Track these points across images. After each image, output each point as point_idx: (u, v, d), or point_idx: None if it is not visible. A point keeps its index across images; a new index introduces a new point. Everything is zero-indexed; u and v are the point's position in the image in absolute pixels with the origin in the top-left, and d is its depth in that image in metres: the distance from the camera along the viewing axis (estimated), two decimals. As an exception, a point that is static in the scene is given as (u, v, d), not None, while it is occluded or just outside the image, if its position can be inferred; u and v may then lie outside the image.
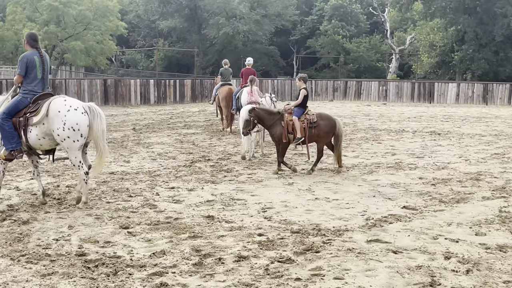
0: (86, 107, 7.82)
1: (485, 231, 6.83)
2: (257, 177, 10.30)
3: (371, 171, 10.97)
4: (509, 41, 40.43)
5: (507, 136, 17.40)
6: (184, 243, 6.27)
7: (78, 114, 7.68)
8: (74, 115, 7.65)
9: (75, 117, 7.65)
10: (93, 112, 7.83)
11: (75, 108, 7.70)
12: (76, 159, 7.85)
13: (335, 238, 6.48)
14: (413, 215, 7.58)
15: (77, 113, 7.67)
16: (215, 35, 48.24)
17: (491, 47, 40.47)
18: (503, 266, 5.56)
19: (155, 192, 8.96)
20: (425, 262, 5.65)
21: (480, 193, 9.05)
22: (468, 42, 40.87)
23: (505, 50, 40.57)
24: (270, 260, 5.68)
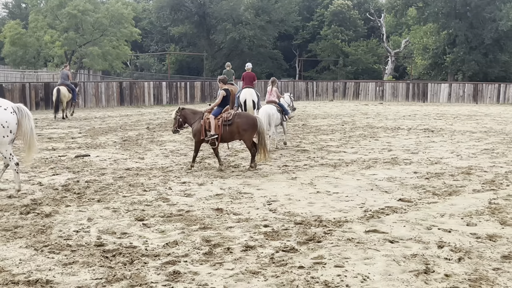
0: (15, 107, 8.24)
1: (475, 221, 6.81)
2: (262, 172, 10.30)
3: (369, 166, 10.95)
4: (498, 44, 40.22)
5: (496, 132, 17.32)
6: (195, 234, 6.28)
7: (7, 113, 8.08)
8: (4, 114, 8.04)
9: (5, 116, 8.04)
10: (21, 112, 8.28)
11: (4, 108, 8.10)
12: (6, 152, 8.19)
13: (336, 228, 6.47)
14: (408, 207, 7.56)
15: (7, 112, 8.08)
16: (222, 40, 48.20)
17: (481, 49, 40.26)
18: (493, 254, 5.54)
19: (168, 187, 8.97)
20: (420, 251, 5.64)
21: (471, 186, 9.02)
22: (459, 45, 40.67)
23: (494, 52, 40.36)
24: (275, 249, 5.69)
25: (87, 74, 44.16)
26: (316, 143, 14.69)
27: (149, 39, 55.25)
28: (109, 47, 39.79)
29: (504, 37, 39.63)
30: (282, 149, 13.49)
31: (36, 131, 17.16)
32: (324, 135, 16.49)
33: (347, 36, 50.79)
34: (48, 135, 16.41)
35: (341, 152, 12.90)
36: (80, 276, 5.00)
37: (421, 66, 44.33)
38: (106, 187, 8.91)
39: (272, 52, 51.73)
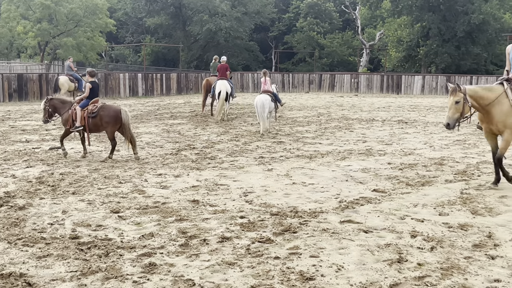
0: None
1: (447, 211, 6.91)
2: (238, 164, 10.30)
3: (344, 157, 11.03)
4: (470, 37, 40.72)
5: (468, 124, 17.55)
6: (171, 225, 6.26)
7: None
8: None
9: None
10: None
11: None
12: None
13: (311, 219, 6.51)
14: (382, 198, 7.64)
15: None
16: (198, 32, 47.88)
17: (453, 42, 40.73)
18: (464, 243, 5.64)
19: (143, 179, 8.92)
20: (393, 240, 5.70)
21: (443, 176, 9.15)
22: (432, 37, 41.08)
23: (466, 45, 40.87)
24: (251, 240, 5.70)
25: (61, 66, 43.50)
26: (292, 134, 14.73)
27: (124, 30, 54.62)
28: (84, 38, 39.27)
29: (476, 30, 40.14)
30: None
31: (10, 123, 16.88)
32: (300, 127, 16.55)
33: (322, 28, 50.91)
34: (21, 127, 16.15)
35: (316, 144, 12.96)
36: (54, 269, 4.95)
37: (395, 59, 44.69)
38: (81, 179, 8.82)
39: (248, 44, 51.61)
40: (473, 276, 4.77)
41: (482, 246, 5.54)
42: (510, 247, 5.51)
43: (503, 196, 7.71)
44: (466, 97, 7.88)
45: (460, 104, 7.88)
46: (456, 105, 7.89)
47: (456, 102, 7.89)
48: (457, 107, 7.89)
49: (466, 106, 7.91)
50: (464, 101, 7.88)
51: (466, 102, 7.89)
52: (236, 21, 48.09)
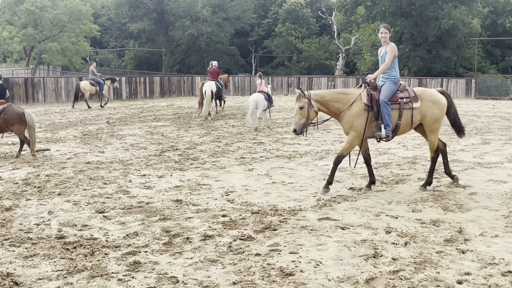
0: None
1: (420, 208, 6.98)
2: (220, 164, 10.28)
3: (322, 157, 11.07)
4: (440, 41, 41.20)
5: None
6: (155, 225, 6.22)
7: None
8: None
9: None
10: None
11: None
12: None
13: (290, 217, 6.52)
14: (358, 195, 7.69)
15: None
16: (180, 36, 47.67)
17: (425, 46, 41.17)
18: (436, 238, 5.69)
19: (128, 180, 8.86)
20: (369, 236, 5.74)
21: (416, 174, 9.23)
22: (405, 42, 41.48)
23: (437, 49, 41.35)
24: (233, 238, 5.69)
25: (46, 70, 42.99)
26: (271, 135, 14.75)
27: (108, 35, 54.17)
28: (68, 43, 38.85)
29: (446, 35, 40.62)
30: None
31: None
32: (279, 128, 16.58)
33: (300, 33, 51.08)
34: (7, 130, 15.92)
35: (295, 144, 13.00)
36: (41, 268, 4.88)
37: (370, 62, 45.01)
38: (67, 180, 8.73)
39: (229, 48, 51.54)
40: (445, 269, 4.82)
41: (453, 241, 5.60)
42: (479, 242, 5.58)
43: (473, 193, 7.81)
44: (310, 102, 7.66)
45: (305, 110, 7.63)
46: (301, 111, 7.64)
47: (301, 108, 7.64)
48: (302, 112, 7.64)
49: (311, 112, 7.66)
50: (308, 107, 7.65)
51: (311, 107, 7.66)
52: (217, 26, 48.01)
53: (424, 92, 8.10)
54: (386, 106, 7.79)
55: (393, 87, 7.95)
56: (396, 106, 7.88)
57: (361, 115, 7.79)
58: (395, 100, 7.89)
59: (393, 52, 7.98)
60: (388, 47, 8.03)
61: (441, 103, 8.11)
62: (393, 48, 8.00)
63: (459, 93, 35.61)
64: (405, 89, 8.04)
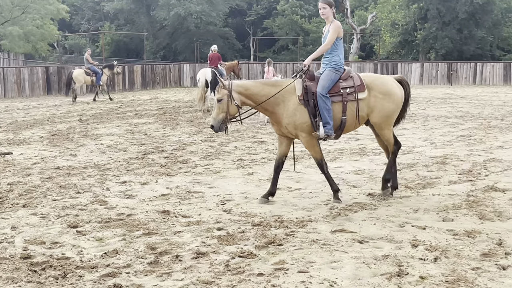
0: None
1: (452, 216, 6.98)
2: (214, 168, 10.28)
3: (334, 158, 11.08)
4: (473, 18, 41.21)
5: (473, 117, 17.80)
6: (138, 240, 6.22)
7: None
8: None
9: None
10: None
11: None
12: None
13: (298, 229, 6.53)
14: (379, 203, 7.70)
15: None
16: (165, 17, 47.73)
17: (455, 24, 41.20)
18: (472, 252, 5.70)
19: (105, 187, 8.86)
20: (392, 251, 5.74)
21: (446, 177, 9.24)
22: (431, 20, 41.51)
23: (469, 27, 41.36)
24: (231, 255, 5.69)
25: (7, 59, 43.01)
26: (274, 133, 14.72)
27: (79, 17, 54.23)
28: (32, 26, 38.86)
29: (480, 11, 40.65)
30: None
31: None
32: (284, 124, 16.55)
33: (307, 11, 51.15)
34: (-39, 130, 15.94)
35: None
36: (3, 294, 4.88)
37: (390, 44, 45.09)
38: (33, 189, 8.73)
39: (223, 30, 51.60)
40: (483, 289, 4.82)
41: (492, 255, 5.61)
42: (522, 255, 5.58)
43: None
44: (231, 94, 7.53)
45: (224, 103, 7.53)
46: (219, 104, 7.55)
47: (218, 101, 7.57)
48: (220, 106, 7.54)
49: (231, 105, 7.53)
50: (228, 100, 7.52)
51: (231, 100, 7.53)
52: (208, 4, 48.04)
53: (374, 81, 7.87)
54: (324, 99, 7.55)
55: (333, 76, 7.73)
56: (338, 98, 7.67)
57: (300, 111, 7.61)
58: (336, 91, 7.68)
59: (336, 31, 7.73)
60: (331, 26, 7.80)
61: (395, 94, 7.86)
62: (336, 27, 7.74)
63: (496, 80, 35.63)
64: (349, 76, 7.80)
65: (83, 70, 25.56)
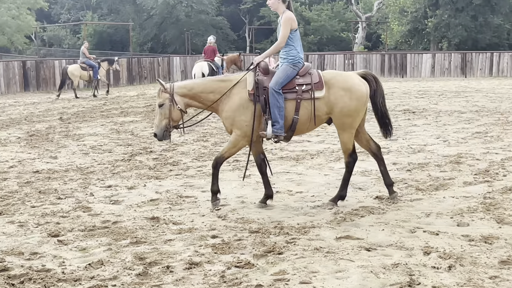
0: None
1: (468, 221, 6.99)
2: (208, 170, 10.27)
3: (339, 158, 11.09)
4: (489, 4, 41.27)
5: (489, 112, 17.82)
6: (125, 250, 6.22)
7: None
8: None
9: None
10: None
11: None
12: None
13: (300, 236, 6.53)
14: (387, 206, 7.70)
15: None
16: (152, 6, 47.73)
17: (469, 11, 41.24)
18: (489, 259, 5.70)
19: (89, 192, 8.85)
20: (402, 259, 5.75)
21: (461, 178, 9.25)
22: (443, 6, 41.56)
23: (484, 14, 41.40)
24: (227, 265, 5.69)
25: (-20, 53, 42.96)
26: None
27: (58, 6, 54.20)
28: (7, 17, 38.85)
29: (496, -4, 40.66)
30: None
31: None
32: (283, 121, 16.57)
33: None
34: None
35: (304, 142, 13.01)
36: (-22, 310, 4.88)
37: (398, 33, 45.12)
38: (9, 195, 8.72)
39: (216, 19, 51.61)
40: (501, 299, 4.83)
41: (511, 262, 5.62)
42: (544, 263, 5.59)
43: (535, 199, 7.82)
44: (173, 98, 7.53)
45: (165, 108, 7.55)
46: (161, 110, 7.55)
47: (160, 106, 7.56)
48: (162, 111, 7.55)
49: (174, 110, 7.56)
50: (170, 104, 7.54)
51: (173, 104, 7.55)
52: (200, -9, 48.04)
53: (335, 77, 7.75)
54: (277, 95, 7.47)
55: (289, 71, 7.65)
56: (292, 95, 7.59)
57: (245, 108, 7.58)
58: (291, 87, 7.61)
59: (288, 24, 7.66)
60: (281, 18, 7.74)
61: (358, 91, 7.66)
62: (287, 19, 7.66)
63: (515, 71, 35.64)
64: (308, 72, 7.70)
65: (78, 65, 25.93)
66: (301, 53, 7.82)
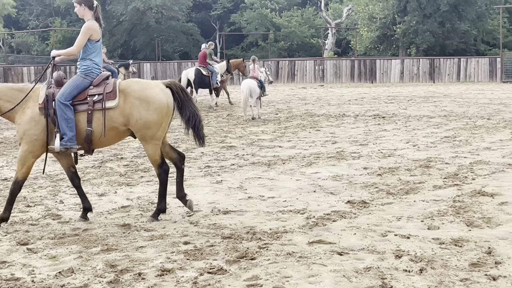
0: None
1: (438, 224, 7.04)
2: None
3: (310, 163, 11.12)
4: (456, 11, 41.83)
5: (458, 116, 18.04)
6: (96, 258, 6.15)
7: None
8: None
9: None
10: None
11: None
12: None
13: (273, 241, 6.52)
14: (359, 211, 7.73)
15: None
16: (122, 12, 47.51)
17: (436, 17, 41.77)
18: (460, 262, 5.74)
19: (58, 200, 8.76)
20: (374, 262, 5.76)
21: (431, 181, 9.33)
22: (411, 12, 42.02)
23: (452, 20, 41.96)
24: (199, 271, 5.66)
25: None
26: (245, 137, 14.75)
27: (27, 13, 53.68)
28: (-25, 23, 38.32)
29: (462, 2, 41.29)
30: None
31: None
32: (255, 127, 16.59)
33: (277, 4, 51.39)
34: None
35: (276, 147, 13.02)
36: None
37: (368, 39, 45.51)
38: (-23, 204, 8.58)
39: (186, 25, 51.57)
40: (472, 301, 4.87)
41: (481, 265, 5.66)
42: (514, 264, 5.64)
43: (503, 203, 7.91)
44: None
45: None
46: None
47: None
48: None
49: None
50: None
51: None
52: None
53: (131, 86, 7.43)
54: (63, 107, 7.20)
55: (79, 81, 7.39)
56: (83, 107, 7.30)
57: (36, 122, 7.31)
58: (82, 98, 7.34)
59: (87, 33, 7.50)
60: (83, 26, 7.59)
61: (156, 101, 7.33)
62: (87, 29, 7.50)
63: (482, 76, 36.19)
64: (103, 82, 7.41)
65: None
66: (100, 63, 7.59)
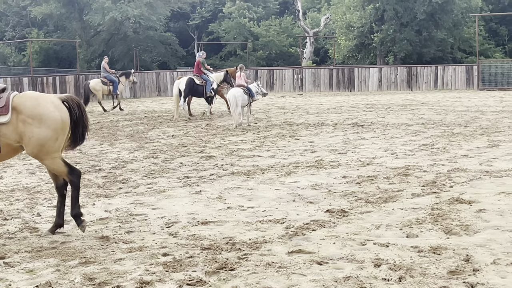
0: None
1: (416, 232, 7.08)
2: (158, 187, 10.20)
3: (289, 172, 11.13)
4: (432, 19, 42.21)
5: (435, 124, 18.17)
6: (73, 271, 6.11)
7: None
8: None
9: None
10: None
11: None
12: None
13: (252, 252, 6.51)
14: (338, 220, 7.75)
15: None
16: (99, 22, 47.28)
17: (413, 26, 42.11)
18: (438, 270, 5.78)
19: (35, 213, 8.68)
20: (354, 272, 5.78)
21: (409, 189, 9.38)
22: (388, 21, 42.33)
23: (428, 29, 42.33)
24: (178, 283, 5.64)
25: None
26: (224, 147, 14.74)
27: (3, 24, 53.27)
28: (-50, 34, 37.97)
29: (439, 11, 41.66)
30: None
31: None
32: (234, 137, 16.59)
33: (255, 13, 51.52)
34: None
35: (255, 157, 13.03)
36: None
37: (346, 48, 45.72)
38: (-47, 217, 8.48)
39: (164, 35, 51.47)
40: (451, 309, 4.90)
41: (460, 272, 5.70)
42: (492, 272, 5.69)
43: (481, 210, 7.98)
44: None
45: None
46: None
47: None
48: None
49: None
50: None
51: None
52: (148, 7, 47.85)
53: (24, 102, 7.19)
54: None
55: None
56: None
57: None
58: None
59: None
60: None
61: (50, 118, 7.18)
62: None
63: (458, 84, 36.53)
64: None
65: (99, 80, 26.83)
66: None
